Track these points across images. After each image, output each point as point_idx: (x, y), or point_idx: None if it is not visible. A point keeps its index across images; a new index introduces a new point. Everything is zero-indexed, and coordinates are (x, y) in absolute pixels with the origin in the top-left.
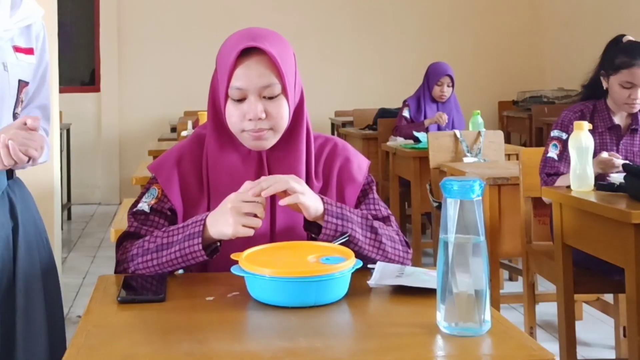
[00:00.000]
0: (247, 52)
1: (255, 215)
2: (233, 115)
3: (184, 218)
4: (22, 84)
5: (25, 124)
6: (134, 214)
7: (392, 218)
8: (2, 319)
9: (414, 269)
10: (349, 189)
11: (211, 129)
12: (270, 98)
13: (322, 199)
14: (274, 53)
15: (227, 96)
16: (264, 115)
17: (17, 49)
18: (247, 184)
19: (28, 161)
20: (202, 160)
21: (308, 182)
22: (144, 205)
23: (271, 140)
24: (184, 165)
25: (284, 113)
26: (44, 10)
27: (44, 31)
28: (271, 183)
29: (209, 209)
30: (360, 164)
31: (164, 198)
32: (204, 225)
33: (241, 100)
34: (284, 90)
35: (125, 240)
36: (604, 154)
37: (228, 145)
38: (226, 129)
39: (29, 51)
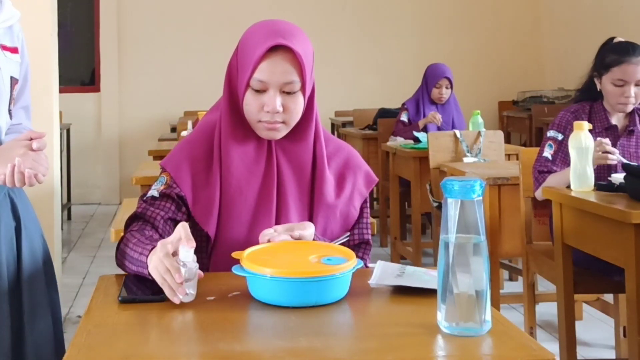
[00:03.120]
0: (274, 47)
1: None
2: (251, 105)
3: (195, 200)
4: (13, 81)
5: (30, 139)
6: (143, 198)
7: (370, 244)
8: (11, 318)
9: (414, 268)
10: (357, 200)
11: (225, 110)
12: (289, 93)
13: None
14: (300, 52)
15: (247, 85)
16: (281, 109)
17: (3, 48)
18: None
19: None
20: (214, 141)
21: (318, 174)
22: (153, 192)
23: (282, 132)
24: (193, 152)
25: (299, 109)
26: (20, 13)
27: (22, 33)
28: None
29: (220, 189)
30: (369, 179)
31: (173, 184)
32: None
33: (261, 91)
34: (303, 87)
35: (132, 222)
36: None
37: (241, 129)
38: (240, 113)
39: (14, 50)
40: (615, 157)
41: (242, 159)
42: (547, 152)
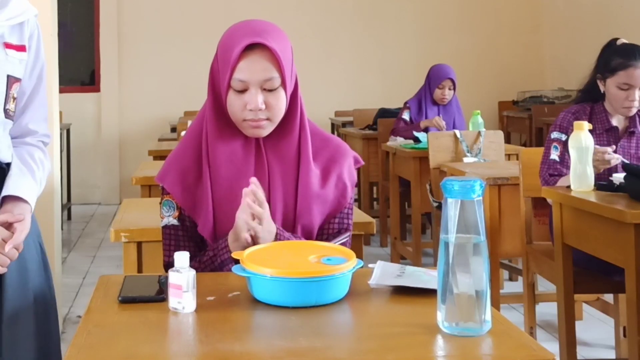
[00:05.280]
0: (251, 46)
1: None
2: (234, 105)
3: (191, 209)
4: (11, 80)
5: (11, 224)
6: (166, 231)
7: (350, 231)
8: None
9: (414, 268)
10: (342, 190)
11: (211, 113)
12: (270, 90)
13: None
14: (277, 49)
15: (229, 86)
16: (264, 107)
17: (7, 46)
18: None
19: None
20: (202, 146)
21: (302, 165)
22: (171, 220)
23: (268, 129)
24: (183, 162)
25: (282, 105)
26: (37, 10)
27: (39, 30)
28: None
29: (213, 193)
30: (356, 165)
31: (180, 207)
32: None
33: (242, 91)
34: (283, 83)
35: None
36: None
37: (227, 130)
38: (225, 114)
39: (21, 48)
40: (615, 159)
41: (231, 159)
42: (554, 155)
